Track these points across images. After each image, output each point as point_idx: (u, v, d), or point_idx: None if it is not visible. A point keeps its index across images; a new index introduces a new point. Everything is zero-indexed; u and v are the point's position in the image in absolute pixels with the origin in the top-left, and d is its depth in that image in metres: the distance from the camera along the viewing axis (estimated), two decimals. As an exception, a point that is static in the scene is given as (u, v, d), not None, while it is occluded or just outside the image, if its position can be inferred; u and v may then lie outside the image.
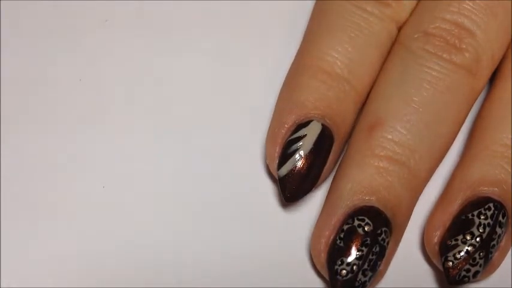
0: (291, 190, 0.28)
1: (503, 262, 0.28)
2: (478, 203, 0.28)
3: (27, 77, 0.31)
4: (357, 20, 0.29)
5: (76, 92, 0.31)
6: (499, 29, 0.28)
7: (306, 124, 0.28)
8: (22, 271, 0.29)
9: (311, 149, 0.28)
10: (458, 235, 0.27)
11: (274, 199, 0.30)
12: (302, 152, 0.28)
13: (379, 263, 0.27)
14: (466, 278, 0.27)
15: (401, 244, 0.29)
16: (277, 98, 0.30)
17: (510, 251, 0.29)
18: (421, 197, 0.29)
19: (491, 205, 0.27)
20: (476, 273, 0.27)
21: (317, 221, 0.29)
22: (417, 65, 0.28)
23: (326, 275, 0.28)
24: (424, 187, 0.29)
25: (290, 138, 0.28)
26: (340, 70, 0.28)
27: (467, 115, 0.29)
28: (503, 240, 0.28)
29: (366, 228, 0.27)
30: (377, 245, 0.27)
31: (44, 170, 0.30)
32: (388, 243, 0.27)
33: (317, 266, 0.28)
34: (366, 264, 0.27)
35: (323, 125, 0.28)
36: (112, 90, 0.31)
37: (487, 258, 0.27)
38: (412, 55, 0.28)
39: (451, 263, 0.27)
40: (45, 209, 0.30)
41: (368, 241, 0.27)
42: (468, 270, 0.27)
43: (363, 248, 0.27)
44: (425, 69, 0.28)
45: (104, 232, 0.30)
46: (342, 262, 0.27)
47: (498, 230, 0.27)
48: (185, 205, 0.30)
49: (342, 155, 0.29)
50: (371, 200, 0.27)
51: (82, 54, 0.32)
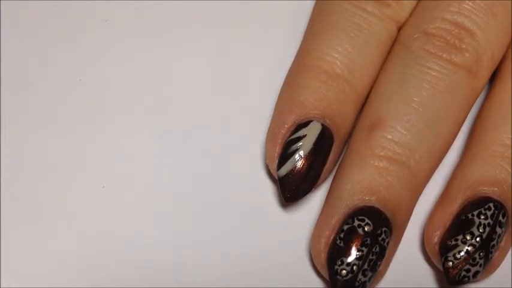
0: (291, 190, 0.28)
1: (503, 262, 0.28)
2: (478, 203, 0.28)
3: (27, 77, 0.31)
4: (357, 20, 0.29)
5: (76, 92, 0.31)
6: (499, 29, 0.28)
7: (306, 124, 0.28)
8: (22, 271, 0.29)
9: (311, 149, 0.28)
10: (458, 235, 0.27)
11: (274, 199, 0.30)
12: (302, 152, 0.28)
13: (379, 263, 0.27)
14: (466, 278, 0.27)
15: (401, 244, 0.29)
16: (277, 98, 0.30)
17: (510, 251, 0.29)
18: (421, 197, 0.29)
19: (491, 205, 0.27)
20: (476, 273, 0.27)
21: (317, 221, 0.29)
22: (417, 65, 0.28)
23: (326, 275, 0.28)
24: (424, 187, 0.29)
25: (290, 138, 0.28)
26: (340, 70, 0.28)
27: (467, 115, 0.29)
28: (503, 240, 0.28)
29: (366, 228, 0.27)
30: (377, 245, 0.27)
31: (44, 170, 0.30)
32: (388, 243, 0.27)
33: (317, 266, 0.28)
34: (366, 264, 0.27)
35: (323, 125, 0.28)
36: (112, 90, 0.31)
37: (487, 258, 0.27)
38: (412, 55, 0.28)
39: (451, 263, 0.27)
40: (45, 209, 0.30)
41: (368, 241, 0.27)
42: (468, 270, 0.27)
43: (363, 248, 0.27)
44: (425, 69, 0.28)
45: (104, 232, 0.30)
46: (342, 262, 0.27)
47: (498, 230, 0.27)
48: (185, 205, 0.30)
49: (342, 155, 0.29)
50: (371, 200, 0.27)
51: (82, 54, 0.32)
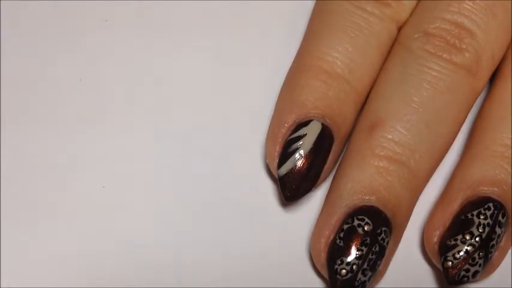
0: (291, 189, 0.28)
1: (503, 262, 0.28)
2: (478, 203, 0.28)
3: (27, 77, 0.31)
4: (357, 20, 0.29)
5: (76, 92, 0.31)
6: (499, 29, 0.28)
7: (306, 123, 0.28)
8: (22, 271, 0.29)
9: (311, 149, 0.28)
10: (457, 235, 0.27)
11: (274, 199, 0.30)
12: (302, 152, 0.28)
13: (378, 263, 0.27)
14: (466, 278, 0.27)
15: (401, 244, 0.29)
16: (277, 98, 0.30)
17: (510, 251, 0.29)
18: (421, 197, 0.29)
19: (491, 205, 0.27)
20: (475, 273, 0.27)
21: (317, 221, 0.28)
22: (417, 65, 0.28)
23: (326, 275, 0.28)
24: (424, 187, 0.29)
25: (290, 137, 0.28)
26: (340, 70, 0.28)
27: (467, 115, 0.29)
28: (502, 240, 0.28)
29: (366, 227, 0.27)
30: (377, 245, 0.27)
31: (44, 170, 0.30)
32: (388, 243, 0.27)
33: (317, 266, 0.28)
34: (366, 263, 0.27)
35: (323, 125, 0.28)
36: (112, 90, 0.31)
37: (487, 258, 0.27)
38: (412, 55, 0.28)
39: (451, 263, 0.27)
40: (45, 209, 0.30)
41: (368, 241, 0.27)
42: (467, 270, 0.27)
43: (363, 248, 0.27)
44: (425, 69, 0.28)
45: (104, 232, 0.30)
46: (342, 262, 0.27)
47: (498, 230, 0.27)
48: (185, 205, 0.30)
49: (342, 155, 0.29)
50: (371, 200, 0.27)
51: (82, 54, 0.32)
